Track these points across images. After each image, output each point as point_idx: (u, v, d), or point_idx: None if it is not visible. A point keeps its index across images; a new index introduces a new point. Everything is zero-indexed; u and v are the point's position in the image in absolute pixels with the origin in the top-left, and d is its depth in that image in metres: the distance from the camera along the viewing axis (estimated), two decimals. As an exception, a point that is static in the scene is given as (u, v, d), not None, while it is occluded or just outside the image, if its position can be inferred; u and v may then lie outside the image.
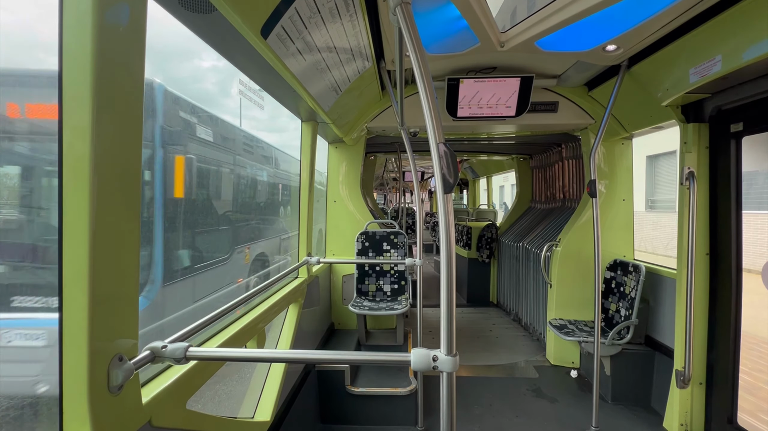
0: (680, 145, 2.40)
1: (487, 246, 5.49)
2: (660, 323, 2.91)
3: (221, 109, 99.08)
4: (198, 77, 70.89)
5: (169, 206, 3.92)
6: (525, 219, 5.33)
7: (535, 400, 2.96)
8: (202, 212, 4.73)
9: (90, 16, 0.78)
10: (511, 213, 5.78)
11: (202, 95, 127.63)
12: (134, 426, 0.99)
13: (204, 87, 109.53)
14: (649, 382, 2.92)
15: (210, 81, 72.10)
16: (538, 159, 5.22)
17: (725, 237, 2.27)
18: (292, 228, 8.16)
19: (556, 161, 4.71)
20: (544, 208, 5.04)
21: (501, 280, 5.37)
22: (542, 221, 4.74)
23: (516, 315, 4.81)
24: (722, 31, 1.87)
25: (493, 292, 5.65)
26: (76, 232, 0.81)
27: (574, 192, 4.32)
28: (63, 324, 0.83)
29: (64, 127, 0.81)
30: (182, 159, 4.04)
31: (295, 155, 3.60)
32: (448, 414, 0.87)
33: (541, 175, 5.21)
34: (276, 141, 24.00)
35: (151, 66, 64.48)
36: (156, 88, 3.77)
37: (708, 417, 2.38)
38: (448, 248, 0.88)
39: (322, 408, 2.70)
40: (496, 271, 5.59)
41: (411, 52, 0.95)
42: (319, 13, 1.56)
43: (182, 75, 75.84)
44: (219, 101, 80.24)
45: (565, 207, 4.49)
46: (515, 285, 4.82)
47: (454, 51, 2.52)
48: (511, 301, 4.95)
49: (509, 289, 5.03)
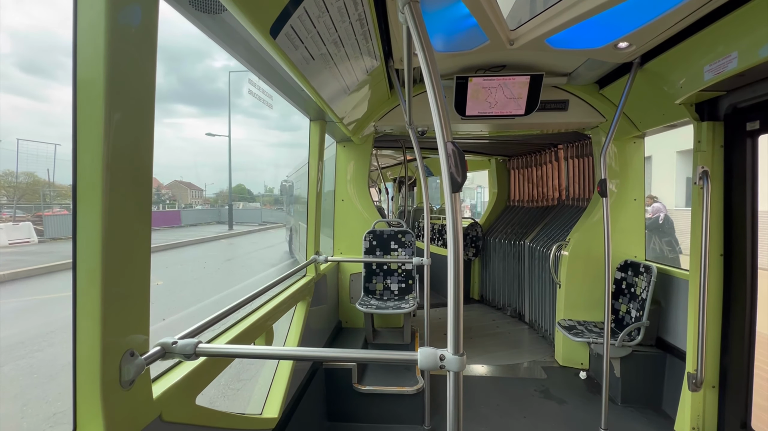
0: (694, 144, 2.36)
1: (473, 244, 5.61)
2: (672, 325, 2.86)
3: (235, 109, 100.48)
4: (211, 77, 72.56)
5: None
6: (505, 217, 5.56)
7: (544, 401, 2.94)
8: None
9: (103, 17, 0.80)
10: (490, 212, 5.94)
11: (219, 94, 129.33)
12: (145, 421, 1.01)
13: (218, 87, 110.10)
14: (660, 384, 2.88)
15: (222, 81, 73.38)
16: (523, 159, 5.40)
17: (740, 238, 2.22)
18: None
19: (549, 160, 4.80)
20: (530, 207, 5.26)
21: (487, 277, 5.54)
22: (540, 220, 4.79)
23: (514, 311, 4.93)
24: (738, 27, 1.82)
25: (475, 289, 5.84)
26: (90, 230, 0.83)
27: (577, 191, 4.28)
28: (77, 320, 0.85)
29: (78, 128, 0.82)
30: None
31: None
32: (455, 413, 0.87)
33: (523, 175, 5.42)
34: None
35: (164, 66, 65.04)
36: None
37: (721, 420, 2.33)
38: (456, 247, 0.87)
39: (329, 405, 2.71)
40: (479, 269, 5.74)
41: (419, 50, 0.95)
42: (328, 13, 1.57)
43: (195, 76, 77.77)
44: (233, 101, 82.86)
45: (565, 206, 4.53)
46: (510, 282, 4.98)
47: (462, 49, 2.50)
48: (505, 297, 5.12)
49: (500, 286, 5.23)
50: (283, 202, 19.40)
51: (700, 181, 2.25)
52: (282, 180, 16.17)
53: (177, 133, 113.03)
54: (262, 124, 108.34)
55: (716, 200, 2.30)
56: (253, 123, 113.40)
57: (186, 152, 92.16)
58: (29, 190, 24.44)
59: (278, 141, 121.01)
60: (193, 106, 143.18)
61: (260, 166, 66.44)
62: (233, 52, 1.58)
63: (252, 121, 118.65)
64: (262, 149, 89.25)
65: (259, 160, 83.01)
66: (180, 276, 9.53)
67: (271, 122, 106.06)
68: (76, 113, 0.82)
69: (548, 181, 4.91)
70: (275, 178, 34.98)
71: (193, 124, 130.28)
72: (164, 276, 9.37)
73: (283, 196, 16.15)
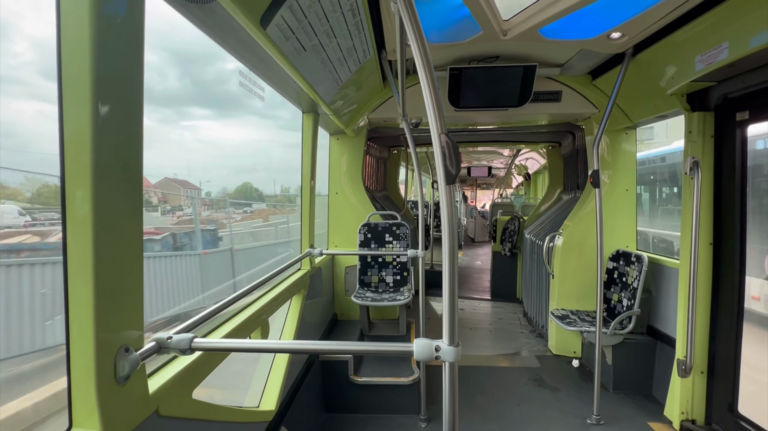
0: (685, 134, 2.38)
1: (510, 239, 5.28)
2: (662, 313, 2.92)
3: (247, 110, 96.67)
4: (222, 79, 71.77)
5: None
6: (552, 211, 4.96)
7: (537, 389, 2.99)
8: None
9: (87, 7, 0.78)
10: (539, 205, 5.49)
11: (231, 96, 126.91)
12: (142, 416, 1.01)
13: (229, 88, 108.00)
14: (651, 371, 2.94)
15: (234, 82, 73.65)
16: (564, 147, 4.81)
17: (729, 227, 2.26)
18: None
19: (576, 150, 4.41)
20: (569, 198, 4.71)
21: (524, 275, 5.02)
22: (562, 211, 4.43)
23: (525, 311, 4.68)
24: (729, 17, 1.83)
25: (519, 288, 5.37)
26: (80, 226, 0.82)
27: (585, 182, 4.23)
28: (69, 316, 0.85)
29: (65, 121, 0.81)
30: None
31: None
32: (450, 402, 0.88)
33: (567, 165, 4.85)
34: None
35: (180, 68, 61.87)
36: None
37: (709, 405, 2.39)
38: (451, 240, 0.88)
39: (326, 397, 2.73)
40: (520, 266, 5.26)
41: (412, 41, 0.94)
42: (319, 3, 1.54)
43: (207, 78, 77.12)
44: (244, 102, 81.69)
45: (576, 198, 4.29)
46: (529, 280, 4.61)
47: (456, 40, 2.48)
48: (526, 297, 4.75)
49: (526, 284, 4.75)
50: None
51: (691, 171, 2.28)
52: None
53: (194, 134, 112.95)
54: (275, 125, 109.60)
55: (706, 190, 2.33)
56: (269, 124, 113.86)
57: (202, 153, 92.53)
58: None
59: (294, 141, 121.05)
60: (207, 109, 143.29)
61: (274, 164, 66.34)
62: (223, 43, 1.55)
63: (267, 122, 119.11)
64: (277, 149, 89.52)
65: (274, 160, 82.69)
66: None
67: (282, 122, 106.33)
68: (62, 109, 0.80)
69: (577, 170, 4.40)
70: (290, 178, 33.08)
71: (209, 125, 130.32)
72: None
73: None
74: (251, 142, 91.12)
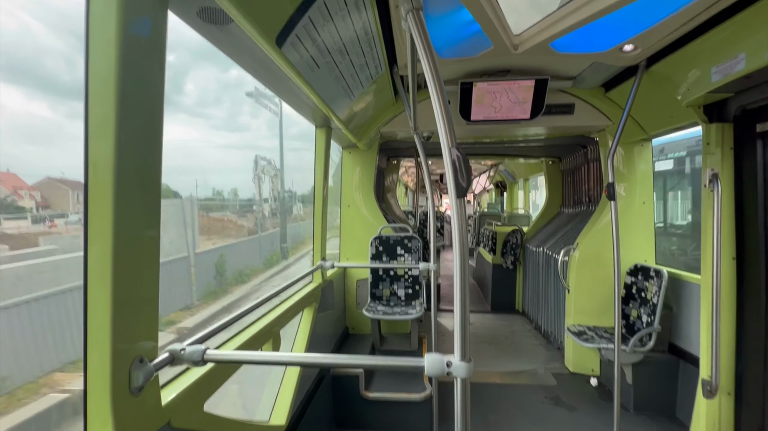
0: (703, 146, 2.33)
1: (512, 252, 5.30)
2: (684, 330, 2.81)
3: (176, 107, 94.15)
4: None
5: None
6: (552, 224, 5.04)
7: (554, 409, 2.89)
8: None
9: (114, 29, 0.82)
10: (539, 218, 5.50)
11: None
12: (154, 427, 1.01)
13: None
14: (674, 391, 2.82)
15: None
16: (566, 161, 4.91)
17: (753, 240, 2.18)
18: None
19: (582, 163, 4.45)
20: (572, 212, 4.76)
21: (526, 288, 5.19)
22: (566, 225, 4.51)
23: (537, 324, 4.63)
24: (746, 28, 1.81)
25: (519, 300, 5.46)
26: (100, 238, 0.84)
27: (597, 195, 4.19)
28: (87, 326, 0.87)
29: (90, 136, 0.84)
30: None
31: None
32: (462, 420, 0.86)
33: (569, 178, 4.89)
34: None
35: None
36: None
37: (738, 428, 2.27)
38: (462, 254, 0.87)
39: (337, 412, 2.70)
40: (521, 278, 5.39)
41: (422, 58, 0.95)
42: (332, 21, 1.59)
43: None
44: (172, 98, 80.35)
45: (589, 211, 4.24)
46: (537, 293, 4.62)
47: (467, 55, 2.51)
48: (534, 310, 4.76)
49: (533, 297, 4.81)
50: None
51: (710, 184, 2.22)
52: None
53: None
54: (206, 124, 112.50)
55: (727, 203, 2.26)
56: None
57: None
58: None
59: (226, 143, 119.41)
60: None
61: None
62: (240, 61, 1.61)
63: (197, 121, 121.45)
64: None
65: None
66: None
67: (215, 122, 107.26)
68: (87, 122, 0.84)
69: (581, 184, 4.47)
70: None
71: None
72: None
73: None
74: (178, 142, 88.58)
